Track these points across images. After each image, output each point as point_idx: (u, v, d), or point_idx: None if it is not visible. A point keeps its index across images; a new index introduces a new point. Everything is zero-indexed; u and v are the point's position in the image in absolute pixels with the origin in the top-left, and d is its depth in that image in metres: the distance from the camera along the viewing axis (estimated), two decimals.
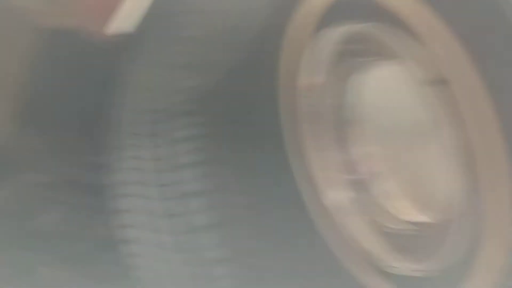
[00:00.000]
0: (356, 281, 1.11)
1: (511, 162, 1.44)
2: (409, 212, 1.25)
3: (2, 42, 1.08)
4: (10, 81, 1.11)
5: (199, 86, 1.04)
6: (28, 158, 1.35)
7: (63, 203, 1.44)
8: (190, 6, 1.12)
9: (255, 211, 1.02)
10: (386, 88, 1.32)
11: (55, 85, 1.20)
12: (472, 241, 1.36)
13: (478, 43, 1.47)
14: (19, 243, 1.46)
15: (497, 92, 1.47)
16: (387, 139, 1.27)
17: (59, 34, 1.03)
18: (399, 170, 1.26)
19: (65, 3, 0.97)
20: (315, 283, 1.05)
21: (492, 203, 1.40)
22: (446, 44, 1.45)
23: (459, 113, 1.45)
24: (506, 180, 1.42)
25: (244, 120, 1.06)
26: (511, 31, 1.50)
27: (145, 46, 1.11)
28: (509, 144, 1.44)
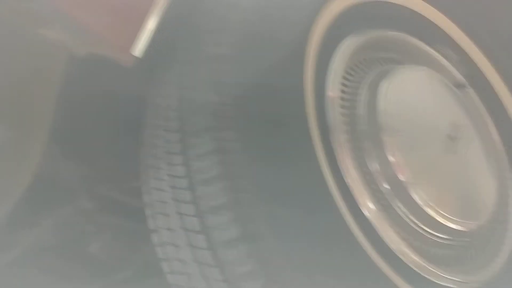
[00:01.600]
0: None
1: None
2: (443, 221, 1.22)
3: (35, 72, 1.14)
4: (44, 111, 1.15)
5: (224, 102, 1.06)
6: (73, 185, 1.40)
7: (109, 228, 1.47)
8: (214, 25, 1.15)
9: (289, 224, 1.03)
10: (415, 93, 1.31)
11: (88, 112, 1.25)
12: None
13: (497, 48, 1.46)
14: (72, 269, 1.51)
15: None
16: (420, 145, 1.26)
17: (89, 62, 1.08)
18: (432, 177, 1.24)
19: (92, 32, 1.01)
20: None
21: None
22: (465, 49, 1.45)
23: (481, 116, 1.44)
24: None
25: (273, 133, 1.07)
26: None
27: (171, 67, 1.15)
28: None
